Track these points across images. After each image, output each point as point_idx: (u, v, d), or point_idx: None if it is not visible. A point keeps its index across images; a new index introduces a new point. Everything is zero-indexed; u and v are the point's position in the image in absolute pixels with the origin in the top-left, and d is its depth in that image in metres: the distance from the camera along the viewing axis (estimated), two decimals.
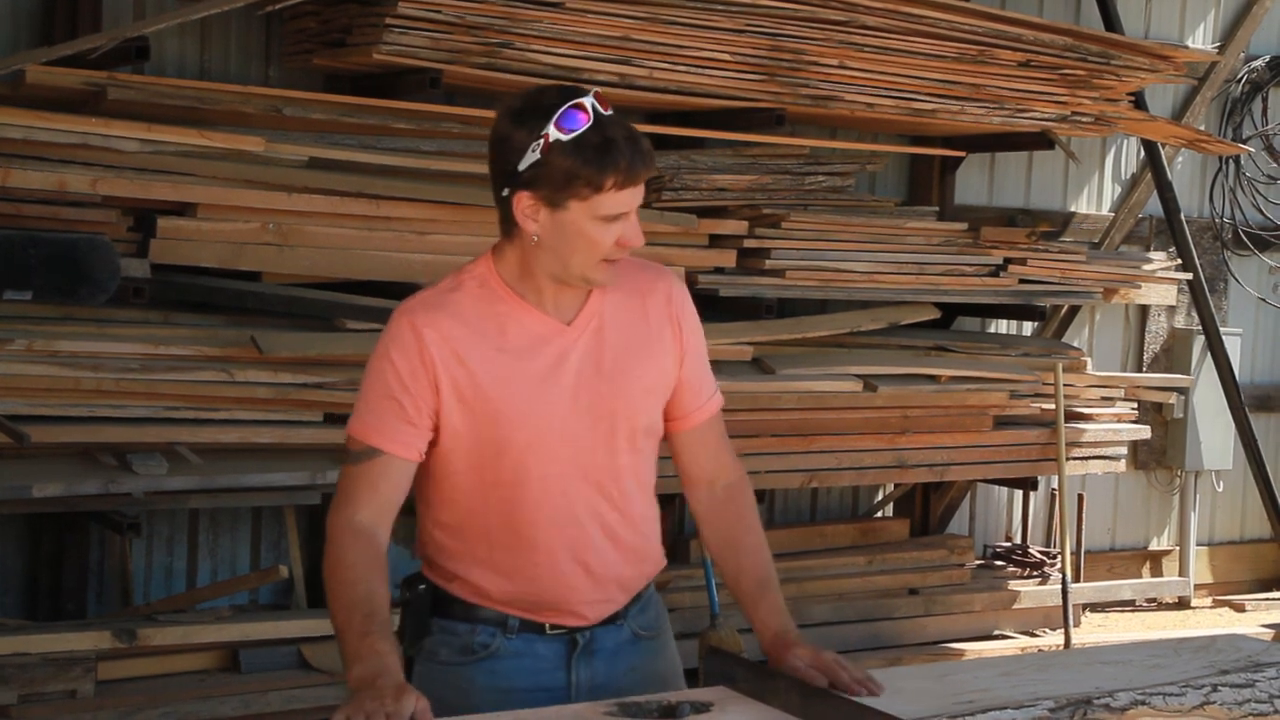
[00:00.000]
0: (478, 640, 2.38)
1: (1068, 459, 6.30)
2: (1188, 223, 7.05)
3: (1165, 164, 6.95)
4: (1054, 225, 7.00)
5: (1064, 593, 6.37)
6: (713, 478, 2.52)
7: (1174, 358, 7.41)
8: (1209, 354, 7.11)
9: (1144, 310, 7.39)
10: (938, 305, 6.15)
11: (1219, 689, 2.28)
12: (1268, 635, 6.16)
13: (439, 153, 5.02)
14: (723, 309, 5.61)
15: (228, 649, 4.72)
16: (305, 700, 4.66)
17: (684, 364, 2.46)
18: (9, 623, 4.65)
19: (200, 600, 5.02)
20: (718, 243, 5.57)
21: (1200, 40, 7.45)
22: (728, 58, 5.29)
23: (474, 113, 5.11)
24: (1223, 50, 7.40)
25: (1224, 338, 7.05)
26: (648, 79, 5.15)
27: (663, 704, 2.20)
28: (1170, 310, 7.41)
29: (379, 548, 2.29)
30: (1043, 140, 6.25)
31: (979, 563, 6.83)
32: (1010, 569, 6.83)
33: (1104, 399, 6.52)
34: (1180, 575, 7.53)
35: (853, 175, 6.05)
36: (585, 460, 2.35)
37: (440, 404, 2.30)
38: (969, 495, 6.97)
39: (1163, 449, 7.43)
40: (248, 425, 4.67)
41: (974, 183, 6.90)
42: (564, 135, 2.21)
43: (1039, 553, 6.89)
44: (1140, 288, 6.67)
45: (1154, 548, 7.60)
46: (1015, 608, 6.51)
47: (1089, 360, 6.63)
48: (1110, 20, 6.65)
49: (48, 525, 4.94)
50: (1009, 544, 7.06)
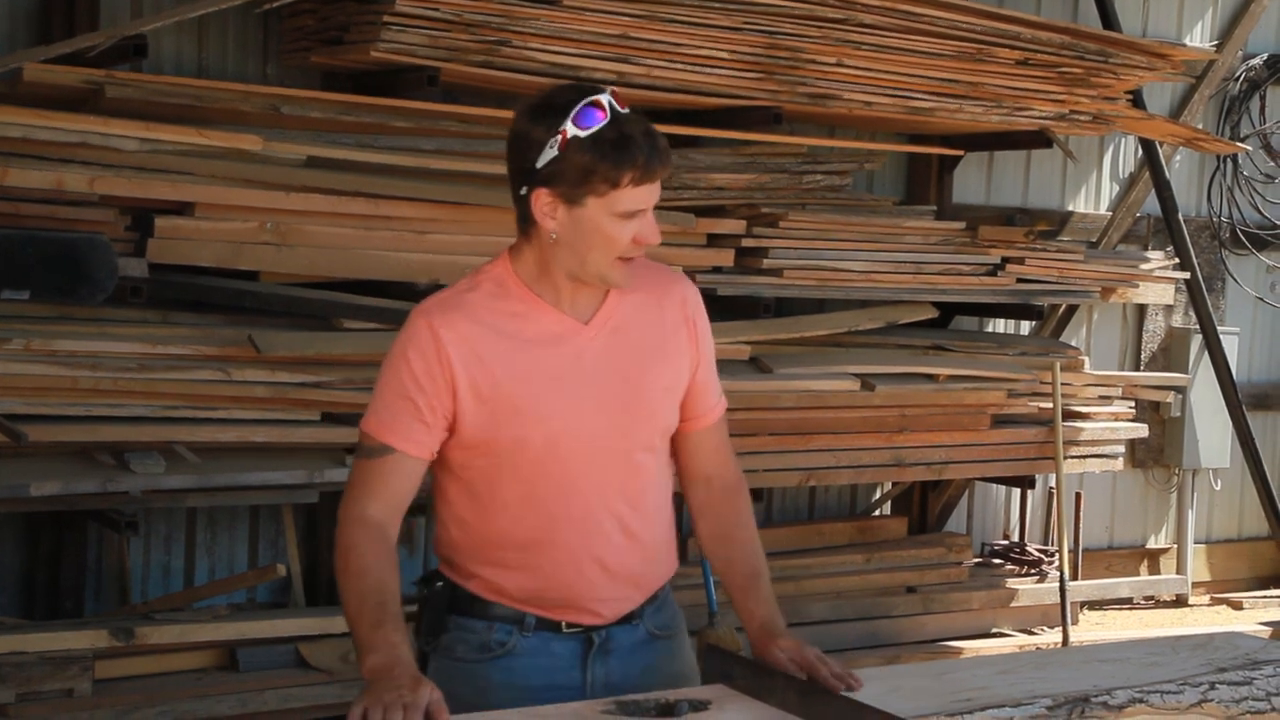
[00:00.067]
0: (494, 638, 2.39)
1: (1065, 457, 6.30)
2: (1185, 222, 7.06)
3: (1163, 163, 6.95)
4: (1052, 224, 7.00)
5: (1062, 591, 6.37)
6: (711, 476, 2.54)
7: (1171, 356, 7.41)
8: (1206, 353, 7.11)
9: (1141, 309, 7.39)
10: (935, 304, 6.15)
11: (1216, 687, 2.28)
12: (1265, 633, 6.16)
13: (437, 151, 5.02)
14: (720, 308, 5.59)
15: (225, 647, 4.71)
16: (302, 699, 4.66)
17: (698, 365, 2.49)
18: (6, 621, 4.65)
19: (198, 599, 5.02)
20: (715, 242, 5.57)
21: (1198, 39, 7.45)
22: (726, 56, 5.29)
23: (472, 111, 5.11)
24: (1220, 49, 7.40)
25: (1221, 336, 7.06)
26: (646, 77, 5.15)
27: (661, 702, 2.20)
28: (1168, 309, 7.41)
29: (389, 540, 2.31)
30: (1041, 139, 6.25)
31: (977, 561, 6.83)
32: (1008, 567, 6.83)
33: (1102, 398, 6.52)
34: (1178, 573, 7.54)
35: (850, 174, 6.05)
36: (603, 458, 2.37)
37: (457, 404, 2.31)
38: (967, 494, 6.97)
39: (1160, 447, 7.43)
40: (245, 424, 4.67)
41: (972, 182, 6.90)
42: (582, 132, 2.23)
43: (1037, 551, 6.89)
44: (1138, 287, 6.67)
45: (1151, 546, 7.61)
46: (1013, 606, 6.51)
47: (1087, 359, 6.62)
48: (1108, 19, 6.65)
49: (45, 524, 4.94)
50: (1007, 542, 7.06)
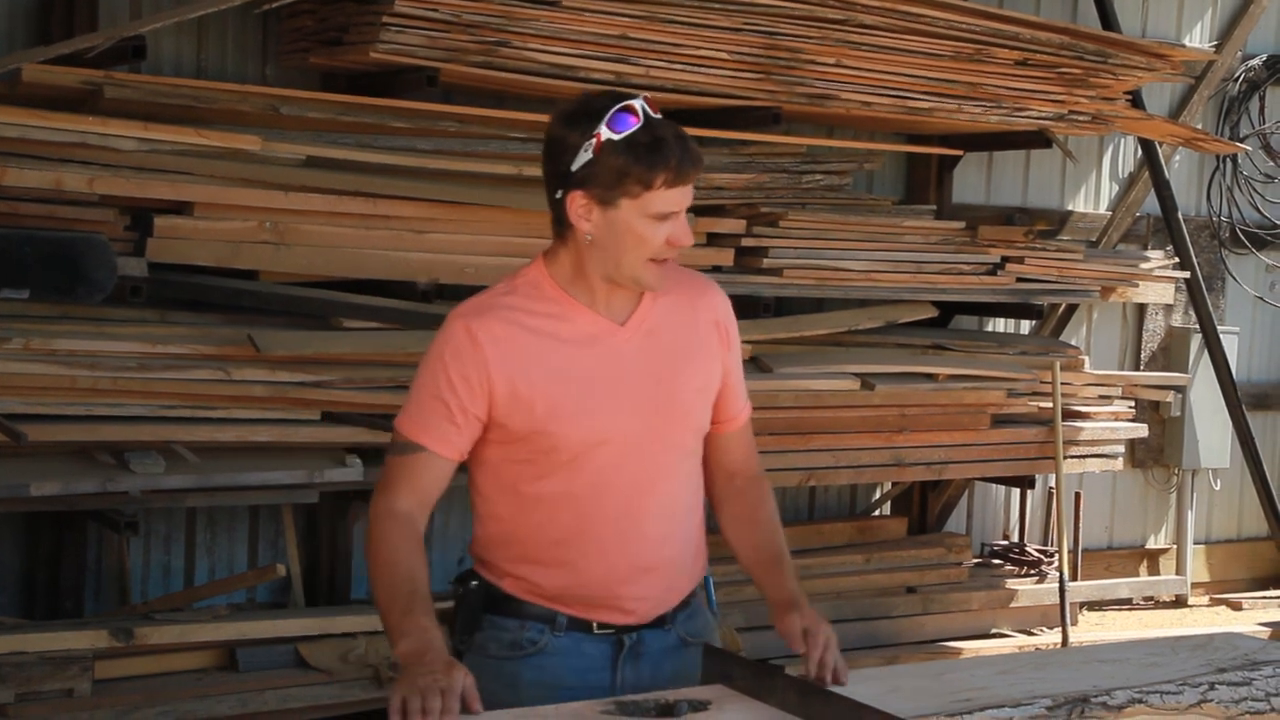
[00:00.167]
0: (526, 636, 2.44)
1: (1065, 457, 6.30)
2: (1185, 221, 7.06)
3: (1163, 163, 6.95)
4: (1051, 224, 7.00)
5: (1061, 591, 6.37)
6: (735, 472, 2.62)
7: (1171, 356, 7.41)
8: (1206, 352, 7.11)
9: (1141, 309, 7.39)
10: (935, 304, 6.15)
11: (1216, 687, 2.28)
12: (1264, 633, 6.16)
13: (436, 151, 5.02)
14: None
15: (225, 648, 4.71)
16: (302, 699, 4.66)
17: (728, 370, 2.55)
18: (6, 621, 4.65)
19: (197, 599, 5.02)
20: (715, 241, 5.57)
21: (1197, 39, 7.45)
22: (725, 56, 5.29)
23: (471, 111, 5.11)
24: (1220, 49, 7.40)
25: (1221, 336, 7.06)
26: (645, 78, 5.14)
27: (660, 702, 2.21)
28: (1168, 309, 7.41)
29: (417, 531, 2.37)
30: (1040, 139, 6.25)
31: (976, 561, 6.83)
32: (1008, 567, 6.83)
33: (1101, 397, 6.52)
34: (1177, 574, 7.54)
35: (850, 174, 6.05)
36: (637, 458, 2.42)
37: (493, 404, 2.37)
38: (966, 493, 6.97)
39: (1160, 447, 7.43)
40: (245, 424, 4.66)
41: (971, 181, 6.90)
42: (615, 135, 2.30)
43: (1036, 551, 6.89)
44: (1138, 286, 6.68)
45: (1151, 546, 7.61)
46: (1013, 606, 6.52)
47: (1086, 359, 6.63)
48: (1107, 19, 6.65)
49: (45, 524, 4.93)
50: (1006, 542, 7.06)
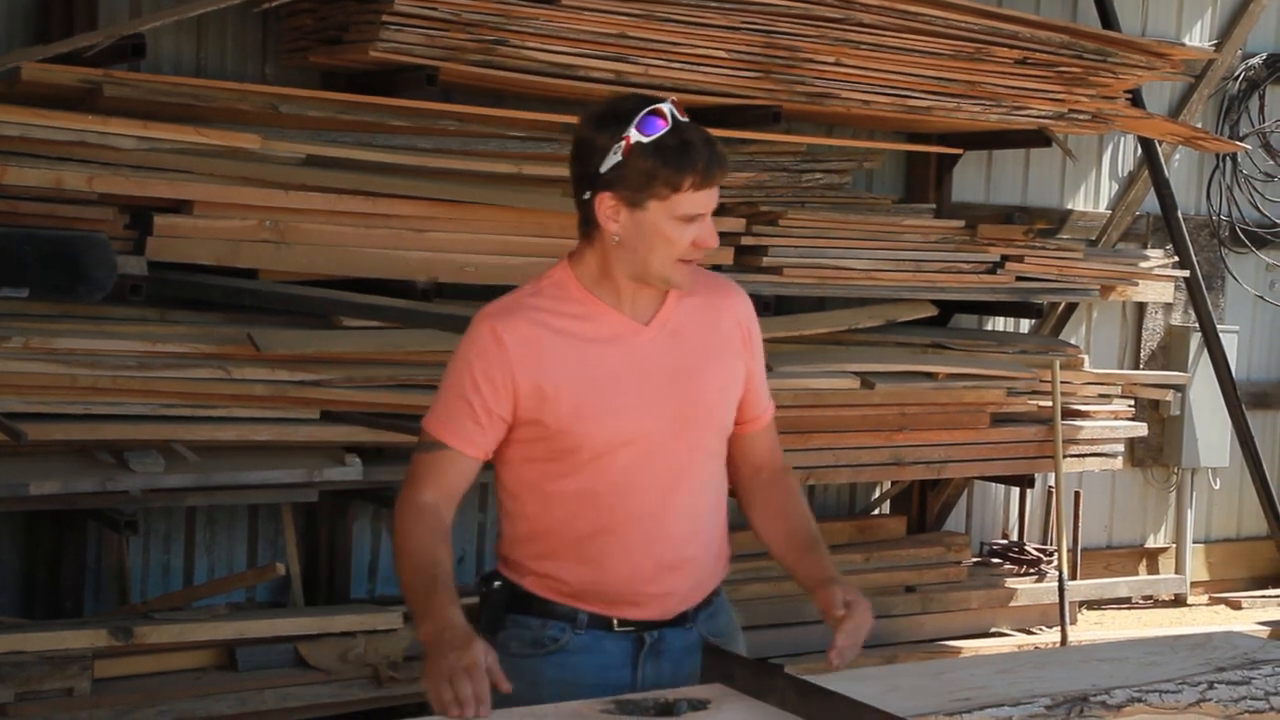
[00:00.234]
0: (548, 634, 2.48)
1: (1065, 456, 6.30)
2: (1185, 220, 7.06)
3: (1162, 161, 6.95)
4: (1051, 223, 7.00)
5: (1060, 590, 6.37)
6: (762, 467, 2.67)
7: (1171, 355, 7.41)
8: (1206, 351, 7.11)
9: (1141, 307, 7.39)
10: (935, 303, 6.15)
11: (1215, 686, 2.28)
12: (1264, 633, 6.16)
13: (435, 150, 5.02)
14: None
15: (224, 647, 4.70)
16: (301, 698, 4.66)
17: (751, 372, 2.58)
18: (6, 621, 4.65)
19: (197, 598, 5.02)
20: None
21: (1197, 38, 7.45)
22: (724, 55, 5.29)
23: (470, 110, 5.11)
24: (1220, 48, 7.40)
25: (1221, 335, 7.06)
26: (644, 76, 5.14)
27: (660, 701, 2.21)
28: (1167, 307, 7.41)
29: (441, 520, 2.42)
30: (1040, 138, 6.25)
31: (976, 560, 6.83)
32: (1007, 566, 6.83)
33: (1101, 396, 6.52)
34: (1177, 573, 7.53)
35: (849, 173, 6.05)
36: (661, 455, 2.45)
37: (518, 404, 2.42)
38: (966, 492, 6.97)
39: (1159, 446, 7.43)
40: (245, 423, 4.66)
41: (971, 180, 6.89)
42: (645, 138, 2.34)
43: (1036, 550, 6.89)
44: (1137, 285, 6.68)
45: (1150, 545, 7.61)
46: (1012, 605, 6.52)
47: (1086, 357, 6.63)
48: (1107, 18, 6.65)
49: (45, 523, 4.93)
50: (1006, 541, 7.06)
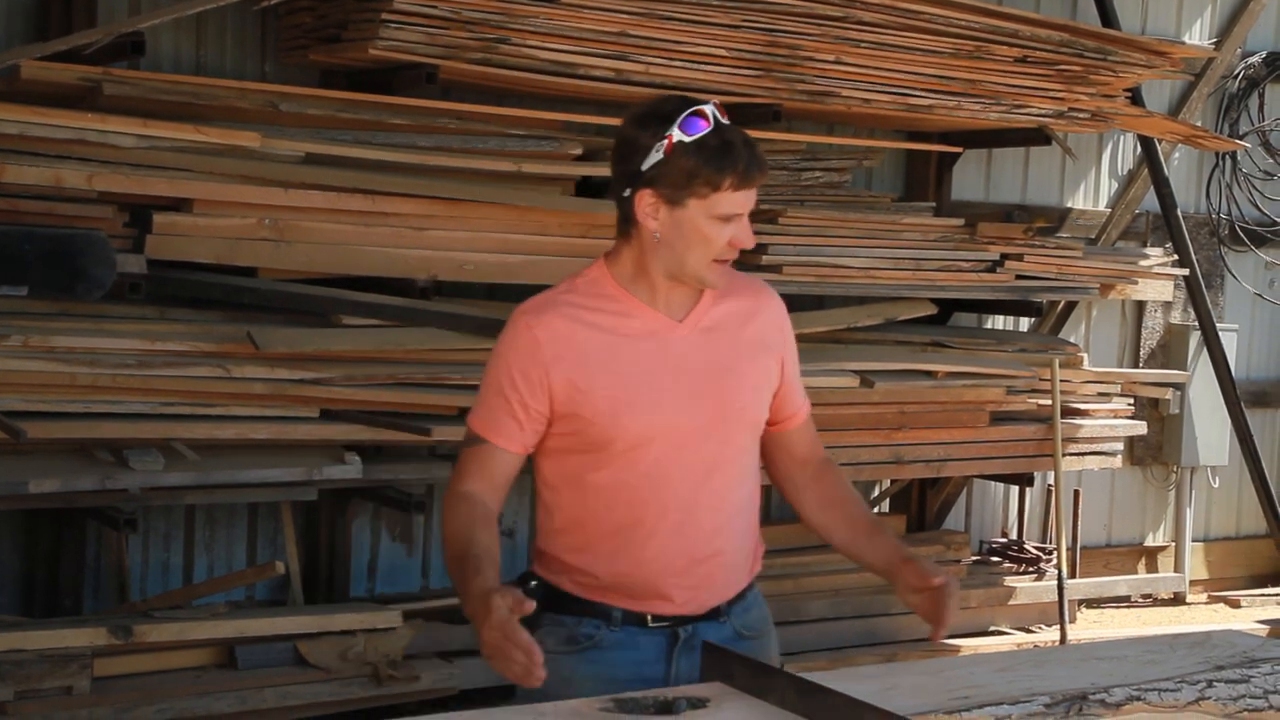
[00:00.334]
0: (582, 631, 2.51)
1: (1064, 455, 6.30)
2: (1184, 218, 7.06)
3: (1162, 160, 6.95)
4: (1051, 221, 7.00)
5: (1060, 589, 6.37)
6: (806, 460, 2.75)
7: (1170, 353, 7.41)
8: (1205, 350, 7.11)
9: (1140, 306, 7.39)
10: (934, 301, 6.15)
11: (1214, 685, 2.28)
12: (1263, 631, 6.16)
13: (436, 148, 5.02)
14: None
15: (224, 645, 4.71)
16: (301, 696, 4.66)
17: (785, 371, 2.62)
18: (5, 619, 4.65)
19: (196, 596, 5.02)
20: None
21: (1197, 36, 7.45)
22: (724, 53, 5.29)
23: (470, 108, 5.12)
24: (1219, 46, 7.40)
25: (1220, 333, 7.06)
26: (644, 74, 5.14)
27: (660, 700, 2.20)
28: (1166, 306, 7.42)
29: (484, 507, 2.47)
30: (1039, 136, 6.25)
31: (975, 559, 6.83)
32: (1006, 565, 6.83)
33: (1100, 395, 6.52)
34: (1176, 571, 7.54)
35: (849, 171, 6.05)
36: (693, 450, 2.49)
37: (554, 399, 2.46)
38: (965, 491, 6.97)
39: (1159, 445, 7.43)
40: (244, 421, 4.66)
41: (971, 178, 6.90)
42: (687, 137, 2.39)
43: (1035, 549, 6.89)
44: (1137, 283, 6.68)
45: (1150, 544, 7.61)
46: (1011, 604, 6.52)
47: (1085, 356, 6.62)
48: (1107, 16, 6.65)
49: (44, 521, 4.94)
50: (1005, 540, 7.06)
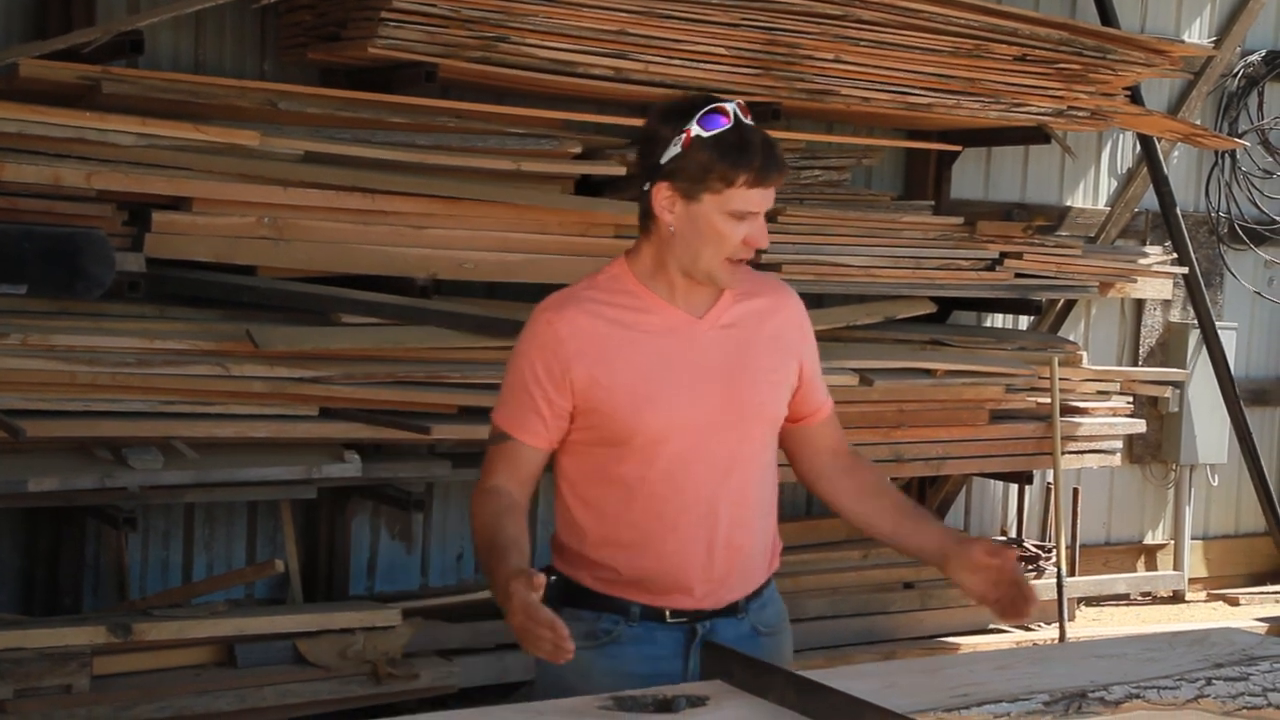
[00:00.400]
0: (600, 626, 2.53)
1: (1063, 453, 6.30)
2: (1184, 217, 7.05)
3: (1161, 158, 6.95)
4: (1050, 219, 7.00)
5: (1059, 587, 6.37)
6: (836, 452, 2.74)
7: (1169, 352, 7.41)
8: (1204, 348, 7.11)
9: (1140, 304, 7.39)
10: (934, 299, 6.15)
11: (1213, 682, 2.28)
12: (1262, 629, 6.17)
13: (435, 147, 5.01)
14: None
15: (223, 644, 4.71)
16: (301, 695, 4.66)
17: (805, 367, 2.65)
18: (5, 617, 4.65)
19: (196, 595, 5.02)
20: None
21: (1196, 35, 7.44)
22: (723, 52, 5.29)
23: (469, 107, 5.11)
24: (1219, 45, 7.39)
25: (1219, 332, 7.06)
26: (643, 73, 5.14)
27: (659, 698, 2.21)
28: (1166, 304, 7.42)
29: (511, 499, 2.50)
30: (1039, 135, 6.25)
31: None
32: None
33: (1099, 393, 6.52)
34: (1175, 569, 7.54)
35: (848, 169, 6.05)
36: (712, 446, 2.50)
37: (575, 394, 2.48)
38: (964, 489, 6.97)
39: (1158, 443, 7.43)
40: (244, 419, 4.66)
41: (970, 177, 6.89)
42: (705, 132, 2.42)
43: (1034, 546, 6.89)
44: (1136, 282, 6.68)
45: (1149, 542, 7.61)
46: None
47: (1085, 354, 6.62)
48: (1106, 15, 6.64)
49: (43, 520, 4.93)
50: (1004, 538, 7.06)
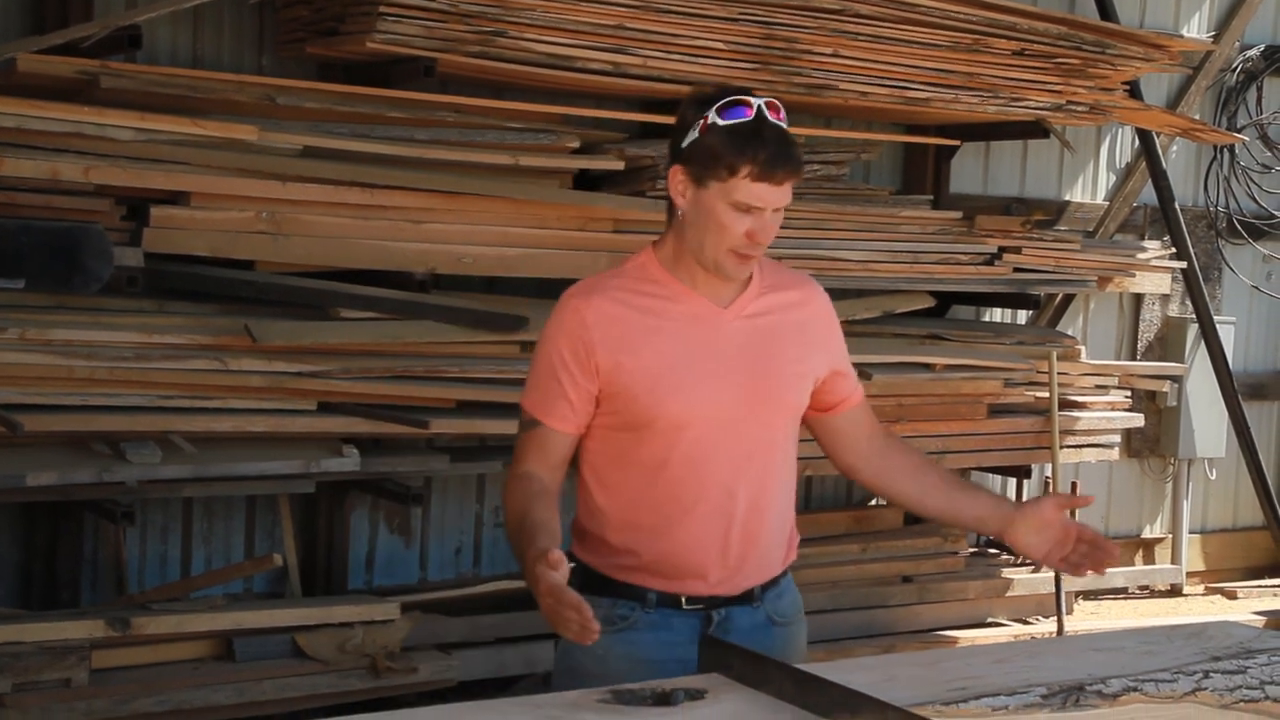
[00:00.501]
0: (617, 612, 2.56)
1: (1062, 447, 6.30)
2: (1182, 211, 7.06)
3: (1160, 153, 6.95)
4: (1049, 214, 7.00)
5: (1057, 580, 6.38)
6: (872, 434, 2.77)
7: (1168, 346, 7.42)
8: (1203, 342, 7.11)
9: (1138, 299, 7.39)
10: (932, 294, 6.15)
11: (1211, 675, 2.29)
12: (1259, 622, 6.17)
13: (433, 141, 5.01)
14: None
15: (222, 638, 4.71)
16: (299, 689, 4.66)
17: (834, 359, 2.69)
18: (3, 612, 4.64)
19: (194, 589, 5.02)
20: None
21: (1195, 29, 7.44)
22: (721, 46, 5.28)
23: (468, 101, 5.11)
24: (1218, 39, 7.39)
25: (1218, 326, 7.06)
26: (641, 68, 5.14)
27: (657, 691, 2.21)
28: (1164, 299, 7.42)
29: (541, 483, 2.53)
30: (1037, 129, 6.24)
31: (972, 550, 6.82)
32: (1004, 557, 6.82)
33: (1098, 387, 6.52)
34: (1173, 563, 7.54)
35: (847, 164, 6.04)
36: (734, 432, 2.52)
37: (601, 380, 2.52)
38: None
39: (1156, 437, 7.44)
40: (242, 414, 4.66)
41: (969, 171, 6.89)
42: (721, 120, 2.45)
43: None
44: (1134, 276, 6.68)
45: (1147, 535, 7.62)
46: (1008, 595, 6.52)
47: (1083, 348, 6.63)
48: (1105, 9, 6.64)
49: (42, 514, 4.93)
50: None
